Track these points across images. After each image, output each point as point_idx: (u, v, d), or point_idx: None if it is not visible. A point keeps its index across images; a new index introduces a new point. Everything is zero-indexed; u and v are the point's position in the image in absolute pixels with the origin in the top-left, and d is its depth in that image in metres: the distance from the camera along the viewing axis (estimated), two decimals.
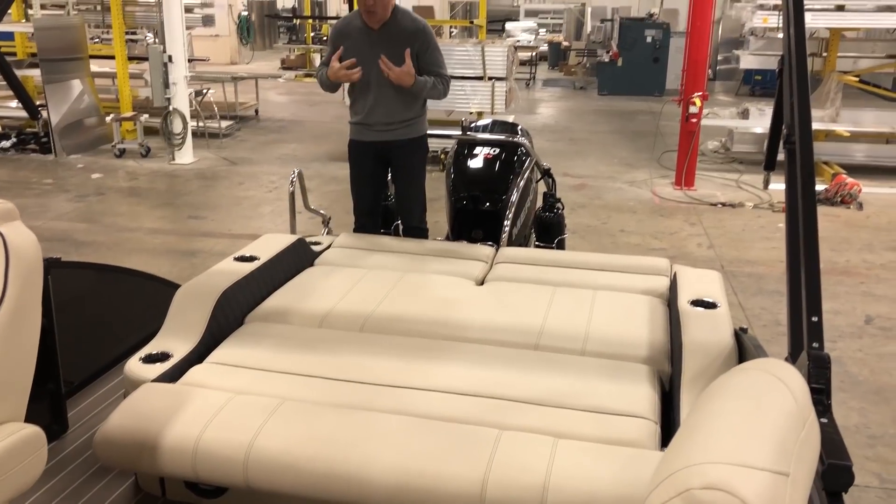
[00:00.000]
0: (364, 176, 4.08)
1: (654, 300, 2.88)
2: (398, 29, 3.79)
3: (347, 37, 3.83)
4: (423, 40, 3.80)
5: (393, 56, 3.70)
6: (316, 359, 2.39)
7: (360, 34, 3.80)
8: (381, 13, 3.72)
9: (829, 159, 9.41)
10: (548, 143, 10.91)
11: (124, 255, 6.28)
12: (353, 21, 3.87)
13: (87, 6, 11.93)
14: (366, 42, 3.78)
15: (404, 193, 4.07)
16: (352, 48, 3.77)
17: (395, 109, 3.88)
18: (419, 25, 3.85)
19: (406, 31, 3.79)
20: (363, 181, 4.09)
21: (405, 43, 3.74)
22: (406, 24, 3.81)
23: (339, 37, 3.88)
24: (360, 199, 4.13)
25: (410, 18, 3.86)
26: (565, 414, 2.08)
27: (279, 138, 11.41)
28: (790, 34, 1.98)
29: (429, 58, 3.84)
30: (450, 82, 3.95)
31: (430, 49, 3.83)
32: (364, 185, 4.09)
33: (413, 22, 3.85)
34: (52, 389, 2.38)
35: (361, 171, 4.07)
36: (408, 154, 3.99)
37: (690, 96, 8.19)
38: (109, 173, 9.12)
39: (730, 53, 15.38)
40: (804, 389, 1.37)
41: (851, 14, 8.93)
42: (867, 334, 4.96)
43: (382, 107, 3.87)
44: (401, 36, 3.77)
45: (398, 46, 3.73)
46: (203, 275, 2.83)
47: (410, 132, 3.96)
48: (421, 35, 3.81)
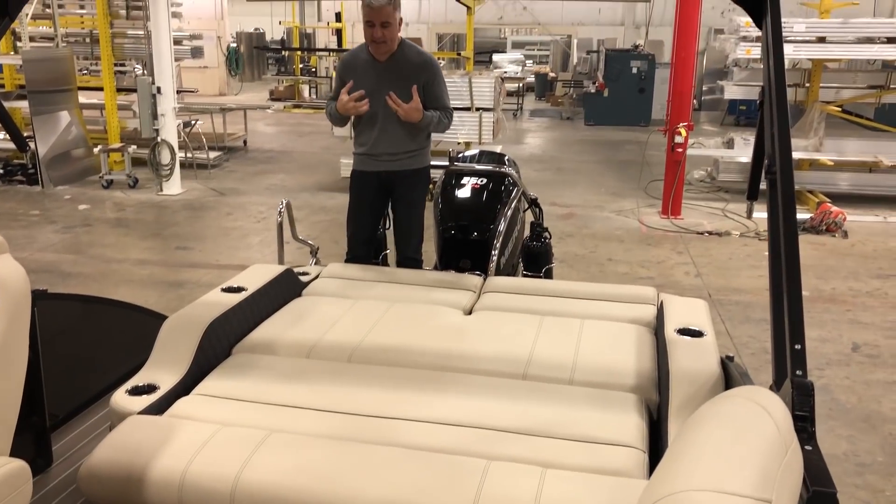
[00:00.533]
0: (365, 205, 4.07)
1: (642, 329, 2.89)
2: (405, 61, 3.82)
3: (354, 70, 3.85)
4: (429, 73, 3.83)
5: (400, 88, 3.72)
6: (304, 390, 2.38)
7: (367, 67, 3.82)
8: (388, 45, 3.74)
9: (813, 188, 9.51)
10: (535, 173, 10.99)
11: (111, 286, 6.25)
12: (359, 54, 3.89)
13: (76, 38, 11.98)
14: (373, 74, 3.80)
15: (403, 224, 4.06)
16: (359, 81, 3.78)
17: (400, 141, 3.89)
18: (425, 58, 3.88)
19: (412, 63, 3.82)
20: (363, 211, 4.08)
21: (412, 75, 3.77)
22: (412, 56, 3.85)
23: (346, 70, 3.90)
24: (358, 229, 4.11)
25: (416, 51, 3.90)
26: (553, 443, 2.08)
27: (267, 169, 11.44)
28: (769, 66, 2.01)
29: (435, 91, 3.86)
30: (453, 115, 3.98)
31: (436, 82, 3.86)
32: (364, 214, 4.09)
33: (419, 55, 3.88)
34: (37, 423, 2.36)
35: (363, 200, 4.06)
36: (410, 185, 4.00)
37: (676, 126, 8.29)
38: (97, 204, 9.10)
39: (714, 84, 15.57)
40: (786, 416, 1.38)
41: (832, 46, 9.09)
42: (854, 362, 4.98)
43: (388, 138, 3.88)
44: (407, 68, 3.79)
45: (405, 79, 3.75)
46: (190, 306, 2.82)
47: (414, 163, 3.98)
48: (427, 68, 3.84)
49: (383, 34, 3.67)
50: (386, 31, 3.67)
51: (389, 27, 3.67)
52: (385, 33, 3.67)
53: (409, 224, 4.05)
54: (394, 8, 3.64)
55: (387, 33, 3.67)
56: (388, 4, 3.62)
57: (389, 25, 3.66)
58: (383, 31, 3.66)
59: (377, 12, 3.61)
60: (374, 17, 3.63)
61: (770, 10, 2.03)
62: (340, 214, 8.61)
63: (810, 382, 1.59)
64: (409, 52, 3.85)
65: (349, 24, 20.58)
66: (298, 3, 23.03)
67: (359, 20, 14.60)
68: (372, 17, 3.63)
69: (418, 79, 3.78)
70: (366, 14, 3.64)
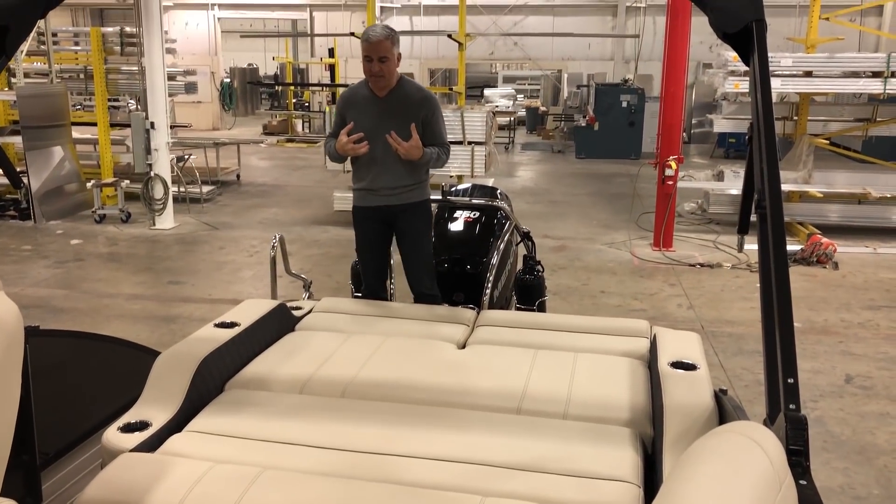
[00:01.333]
0: (370, 241, 4.06)
1: (635, 362, 2.89)
2: (404, 97, 3.84)
3: (354, 105, 3.86)
4: (428, 109, 3.85)
5: (399, 124, 3.74)
6: (297, 426, 2.37)
7: (367, 102, 3.84)
8: (387, 79, 3.76)
9: (803, 220, 9.59)
10: (527, 206, 11.04)
11: (103, 321, 6.22)
12: (359, 90, 3.91)
13: (70, 74, 12.06)
14: (373, 110, 3.81)
15: (411, 259, 4.03)
16: (359, 117, 3.80)
17: (399, 175, 3.89)
18: (425, 94, 3.91)
19: (412, 99, 3.84)
20: (369, 247, 4.08)
21: (412, 111, 3.79)
22: (412, 92, 3.87)
23: (345, 105, 3.92)
24: (367, 265, 4.10)
25: (416, 87, 3.93)
26: (548, 479, 2.07)
27: (260, 203, 11.46)
28: (757, 101, 2.04)
29: (434, 127, 3.88)
30: (450, 150, 4.00)
31: (435, 118, 3.88)
32: (370, 250, 4.08)
33: (419, 91, 3.91)
34: (27, 461, 2.33)
35: (367, 236, 4.06)
36: (411, 218, 3.98)
37: (666, 159, 8.36)
38: (89, 239, 9.09)
39: (703, 117, 15.76)
40: (780, 452, 1.38)
41: (819, 80, 9.21)
42: (848, 393, 4.98)
43: (388, 174, 3.88)
44: (407, 104, 3.82)
45: (405, 114, 3.77)
46: (183, 342, 2.81)
47: (414, 196, 3.97)
48: (427, 104, 3.86)
49: (381, 69, 3.69)
50: (384, 66, 3.69)
51: (387, 62, 3.69)
52: (383, 68, 3.69)
53: (416, 259, 4.02)
54: (392, 43, 3.67)
55: (384, 68, 3.70)
56: (385, 39, 3.64)
57: (387, 60, 3.68)
58: (381, 66, 3.69)
59: (375, 47, 3.64)
60: (372, 52, 3.65)
61: (757, 47, 2.06)
62: (333, 248, 8.63)
63: (804, 416, 1.59)
64: (409, 88, 3.88)
65: (342, 60, 20.78)
66: (292, 39, 23.30)
67: (352, 56, 14.98)
68: (370, 52, 3.66)
69: (418, 114, 3.80)
70: (364, 49, 3.68)
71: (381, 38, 3.63)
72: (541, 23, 21.04)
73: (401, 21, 21.39)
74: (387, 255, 4.16)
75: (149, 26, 9.14)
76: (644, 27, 19.80)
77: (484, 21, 20.68)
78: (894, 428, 4.52)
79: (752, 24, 2.08)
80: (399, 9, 21.50)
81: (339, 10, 21.73)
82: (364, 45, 3.66)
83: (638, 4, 20.32)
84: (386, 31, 3.67)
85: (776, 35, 13.40)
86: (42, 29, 11.27)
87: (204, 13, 22.39)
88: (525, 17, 21.12)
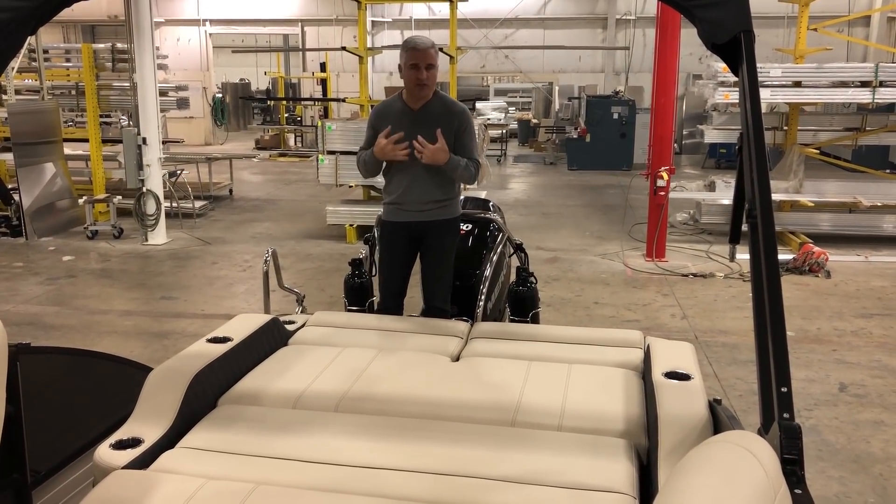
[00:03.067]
0: (396, 257, 4.05)
1: (629, 373, 2.89)
2: (438, 110, 3.85)
3: (387, 118, 3.86)
4: (460, 121, 3.86)
5: (432, 135, 3.74)
6: (290, 441, 2.35)
7: (400, 115, 3.85)
8: (430, 88, 3.80)
9: (795, 229, 9.62)
10: (520, 218, 11.05)
11: (95, 337, 6.19)
12: (393, 103, 3.93)
13: (61, 90, 12.05)
14: (406, 122, 3.81)
15: (432, 274, 4.01)
16: (393, 129, 3.80)
17: (430, 190, 3.89)
18: (458, 108, 3.92)
19: (445, 110, 3.86)
20: (395, 262, 4.05)
21: (444, 123, 3.79)
22: (446, 104, 3.90)
23: (379, 118, 3.92)
24: (390, 281, 4.07)
25: (450, 100, 3.96)
26: (543, 491, 2.06)
27: (253, 217, 11.45)
28: (747, 112, 2.05)
29: (464, 139, 3.87)
30: (479, 167, 3.96)
31: (466, 132, 3.87)
32: (395, 266, 4.05)
33: (452, 104, 3.93)
34: (18, 479, 2.31)
35: (393, 251, 4.04)
36: (440, 235, 3.96)
37: (658, 170, 8.38)
38: (81, 255, 9.06)
39: (694, 128, 15.83)
40: (774, 461, 1.37)
41: (808, 90, 9.27)
42: (842, 402, 4.98)
43: (419, 188, 3.88)
44: (440, 116, 3.82)
45: (437, 126, 3.76)
46: (175, 357, 2.80)
47: (444, 213, 3.96)
48: (459, 117, 3.86)
49: (428, 76, 3.74)
50: (430, 73, 3.75)
51: (433, 69, 3.75)
52: (429, 75, 3.75)
53: (437, 275, 4.00)
54: (436, 52, 3.75)
55: (431, 75, 3.76)
56: (431, 48, 3.74)
57: (433, 67, 3.74)
58: (428, 73, 3.73)
59: (423, 54, 3.70)
60: (420, 60, 3.70)
61: (746, 57, 2.07)
62: (326, 262, 8.63)
63: (798, 425, 1.59)
64: (443, 100, 3.91)
65: (334, 74, 20.83)
66: (283, 54, 23.35)
67: (343, 70, 14.97)
68: (418, 60, 3.70)
69: (450, 126, 3.80)
70: (411, 57, 3.72)
71: (429, 45, 3.73)
72: (531, 36, 21.14)
73: (392, 35, 21.47)
74: (408, 274, 4.13)
75: (140, 42, 9.15)
76: (634, 39, 19.93)
77: (475, 34, 20.78)
78: (889, 436, 4.52)
79: (740, 35, 2.09)
80: (390, 23, 21.59)
81: (330, 24, 21.79)
82: (411, 52, 3.72)
83: (628, 17, 20.45)
84: (430, 41, 3.79)
85: (765, 46, 13.52)
86: (33, 46, 11.26)
87: (195, 29, 22.43)
88: (516, 31, 21.22)
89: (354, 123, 9.39)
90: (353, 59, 11.41)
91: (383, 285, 4.09)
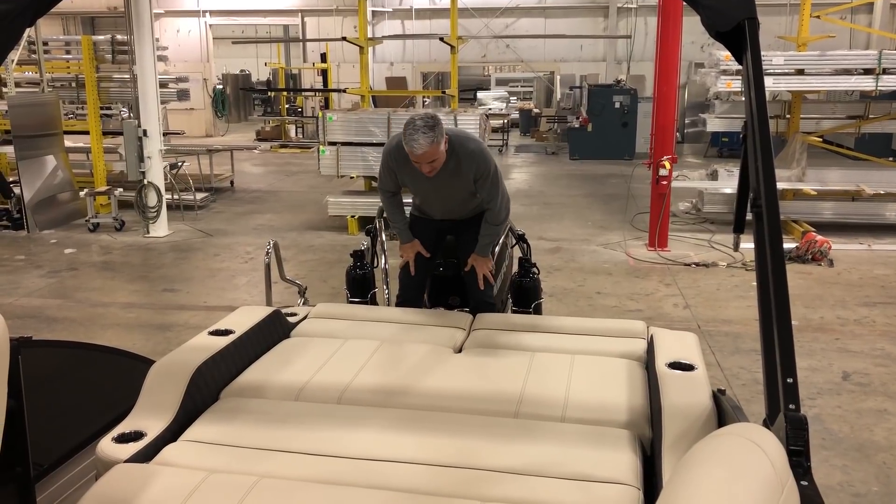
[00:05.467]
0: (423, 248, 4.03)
1: (633, 363, 2.88)
2: (453, 165, 3.63)
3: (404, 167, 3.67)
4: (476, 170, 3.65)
5: (454, 185, 3.70)
6: (293, 434, 2.35)
7: (414, 171, 3.64)
8: (437, 169, 3.55)
9: (798, 217, 9.60)
10: (522, 208, 11.03)
11: (98, 330, 6.19)
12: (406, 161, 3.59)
13: (61, 83, 12.03)
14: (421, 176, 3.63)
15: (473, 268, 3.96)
16: (412, 179, 3.73)
17: (456, 212, 3.96)
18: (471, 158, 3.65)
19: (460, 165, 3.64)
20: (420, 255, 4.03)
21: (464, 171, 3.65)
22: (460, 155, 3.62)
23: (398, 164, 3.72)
24: (409, 276, 4.04)
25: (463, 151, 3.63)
26: (547, 483, 2.06)
27: (255, 209, 11.44)
28: (751, 100, 2.03)
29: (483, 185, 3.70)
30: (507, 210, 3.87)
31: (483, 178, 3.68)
32: (420, 258, 4.02)
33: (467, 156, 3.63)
34: (21, 473, 2.31)
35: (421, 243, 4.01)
36: (472, 226, 3.91)
37: (660, 159, 8.36)
38: (83, 248, 9.06)
39: (696, 117, 15.76)
40: (781, 454, 1.36)
41: (811, 77, 9.24)
42: (845, 390, 4.98)
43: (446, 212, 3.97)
44: (456, 171, 3.65)
45: (455, 180, 3.68)
46: (177, 350, 2.79)
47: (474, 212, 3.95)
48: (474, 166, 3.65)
49: (432, 168, 3.51)
50: (434, 164, 3.50)
51: (437, 161, 3.49)
52: (434, 166, 3.50)
53: None
54: (437, 144, 3.39)
55: (435, 165, 3.51)
56: (430, 145, 3.36)
57: (436, 160, 3.48)
58: (431, 166, 3.50)
59: (420, 156, 3.41)
60: (419, 160, 3.45)
61: (750, 45, 2.05)
62: (329, 253, 8.61)
63: (804, 416, 1.58)
64: (455, 153, 3.61)
65: (334, 65, 20.77)
66: (284, 45, 23.28)
67: (344, 60, 14.89)
68: (416, 160, 3.46)
69: (470, 173, 3.65)
70: (409, 156, 3.45)
71: (427, 146, 3.35)
72: (532, 25, 21.05)
73: (392, 25, 21.40)
74: (431, 268, 4.13)
75: (140, 34, 9.12)
76: (636, 28, 19.85)
77: (476, 24, 20.69)
78: (892, 424, 4.51)
79: (744, 23, 2.07)
80: (391, 13, 21.51)
81: (330, 14, 21.71)
82: (409, 153, 3.42)
83: (629, 5, 20.36)
84: (429, 138, 3.34)
85: (767, 34, 13.43)
86: (33, 38, 11.23)
87: (195, 20, 22.35)
88: (517, 20, 21.13)
89: (355, 114, 9.35)
90: (354, 49, 11.36)
91: (405, 277, 4.07)
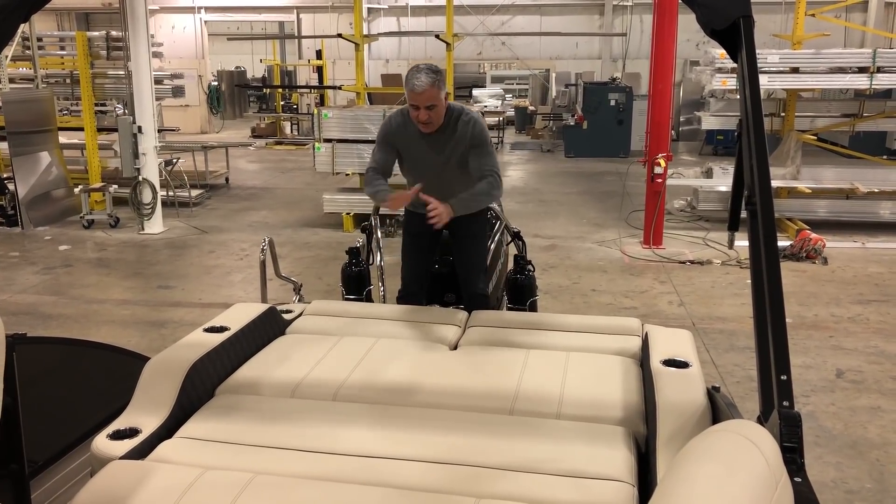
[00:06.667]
0: (419, 243, 4.02)
1: (627, 360, 2.89)
2: (450, 130, 3.66)
3: (400, 139, 3.71)
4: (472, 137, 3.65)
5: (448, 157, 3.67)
6: (288, 430, 2.35)
7: (416, 140, 3.69)
8: (435, 124, 3.58)
9: (792, 215, 9.62)
10: (518, 205, 11.04)
11: (92, 327, 6.18)
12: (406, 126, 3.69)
13: (56, 79, 11.98)
14: (423, 145, 3.68)
15: (466, 260, 3.97)
16: (407, 150, 3.70)
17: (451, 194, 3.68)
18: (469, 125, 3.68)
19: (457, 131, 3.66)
20: (418, 249, 4.03)
21: (459, 141, 3.65)
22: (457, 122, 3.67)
23: (393, 137, 3.74)
24: (414, 267, 4.04)
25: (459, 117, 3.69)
26: (542, 479, 2.06)
27: (250, 206, 11.42)
28: (746, 98, 2.04)
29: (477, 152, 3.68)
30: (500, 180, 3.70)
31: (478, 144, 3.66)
32: (418, 252, 4.03)
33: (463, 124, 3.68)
34: (15, 470, 2.31)
35: (418, 238, 4.00)
36: (467, 224, 3.86)
37: (655, 157, 8.37)
38: (77, 245, 9.04)
39: (691, 115, 15.78)
40: (775, 451, 1.37)
41: (806, 76, 9.26)
42: (839, 388, 5.00)
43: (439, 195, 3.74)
44: (454, 135, 3.66)
45: (453, 147, 3.66)
46: (172, 347, 2.79)
47: None
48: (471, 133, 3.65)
49: (429, 116, 3.52)
50: (432, 113, 3.52)
51: (436, 108, 3.51)
52: (431, 115, 3.52)
53: (471, 260, 3.96)
54: (438, 88, 3.46)
55: (433, 114, 3.52)
56: (431, 86, 3.43)
57: (435, 107, 3.50)
58: (429, 113, 3.51)
59: (421, 96, 3.45)
60: (419, 101, 3.47)
61: (745, 43, 2.06)
62: (324, 250, 8.61)
63: (798, 413, 1.59)
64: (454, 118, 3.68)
65: (330, 62, 20.73)
66: (279, 41, 23.25)
67: (339, 57, 14.91)
68: (416, 101, 3.47)
69: (465, 141, 3.65)
70: (410, 96, 3.48)
71: (427, 85, 3.42)
72: (528, 22, 21.04)
73: (388, 22, 21.36)
74: (431, 261, 4.11)
75: (135, 30, 9.09)
76: (631, 26, 19.85)
77: (471, 21, 20.68)
78: (886, 421, 4.53)
79: (739, 21, 2.08)
80: (386, 10, 21.48)
81: (326, 11, 21.68)
82: (409, 92, 3.46)
83: (625, 3, 20.36)
84: (431, 78, 3.44)
85: (762, 32, 13.45)
86: (27, 34, 11.18)
87: (190, 16, 22.30)
88: (512, 17, 21.12)
89: (351, 111, 9.34)
90: (349, 46, 11.35)
91: (407, 272, 4.07)
